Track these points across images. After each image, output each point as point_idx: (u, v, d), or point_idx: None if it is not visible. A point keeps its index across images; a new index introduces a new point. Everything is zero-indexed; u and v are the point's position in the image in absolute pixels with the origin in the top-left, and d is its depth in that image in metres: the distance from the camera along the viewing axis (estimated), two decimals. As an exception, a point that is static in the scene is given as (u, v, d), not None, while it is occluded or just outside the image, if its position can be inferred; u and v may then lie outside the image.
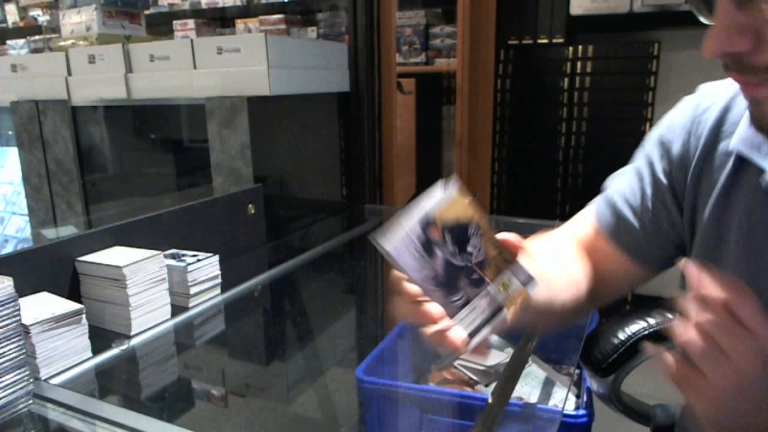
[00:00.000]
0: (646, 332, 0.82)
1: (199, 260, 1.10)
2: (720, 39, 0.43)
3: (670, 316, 0.85)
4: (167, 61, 1.64)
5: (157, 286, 1.01)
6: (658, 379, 0.53)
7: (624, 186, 0.71)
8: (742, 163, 0.56)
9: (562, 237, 0.77)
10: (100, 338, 0.94)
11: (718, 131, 0.59)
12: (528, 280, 0.52)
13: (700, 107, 0.62)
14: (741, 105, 0.58)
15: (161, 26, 2.84)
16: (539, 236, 0.74)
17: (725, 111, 0.59)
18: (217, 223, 1.33)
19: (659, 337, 0.80)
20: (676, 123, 0.64)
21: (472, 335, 0.49)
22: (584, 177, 2.17)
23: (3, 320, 0.74)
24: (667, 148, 0.64)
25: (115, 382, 0.89)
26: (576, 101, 2.17)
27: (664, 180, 0.65)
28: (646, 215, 0.67)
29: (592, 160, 2.17)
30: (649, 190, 0.67)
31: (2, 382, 0.74)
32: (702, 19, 0.47)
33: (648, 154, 0.68)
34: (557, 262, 0.69)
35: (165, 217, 1.19)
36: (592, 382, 0.84)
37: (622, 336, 0.82)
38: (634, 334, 0.82)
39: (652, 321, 0.83)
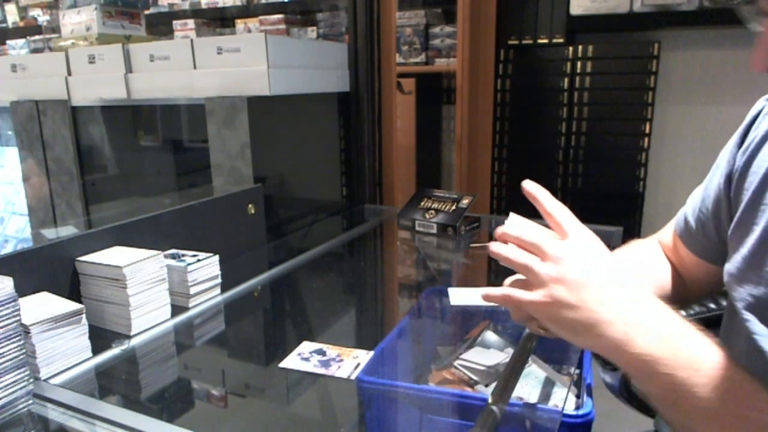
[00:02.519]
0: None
1: (199, 260, 1.10)
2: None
3: (682, 312, 0.86)
4: (167, 61, 1.64)
5: (157, 286, 1.01)
6: None
7: (696, 190, 0.77)
8: None
9: (650, 243, 0.87)
10: (100, 338, 0.94)
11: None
12: None
13: (757, 107, 0.67)
14: None
15: (161, 26, 2.84)
16: (631, 244, 0.87)
17: None
18: (217, 223, 1.33)
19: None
20: (743, 128, 0.68)
21: None
22: (584, 177, 2.17)
23: (3, 320, 0.74)
24: (729, 150, 0.69)
25: (115, 382, 0.89)
26: (576, 101, 2.17)
27: (723, 184, 0.69)
28: (707, 218, 0.73)
29: (592, 160, 2.17)
30: (712, 194, 0.71)
31: (2, 382, 0.74)
32: (749, 27, 0.52)
33: (718, 159, 0.72)
34: (640, 264, 0.81)
35: (165, 217, 1.19)
36: (604, 376, 0.84)
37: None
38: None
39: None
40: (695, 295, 0.82)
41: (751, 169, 0.62)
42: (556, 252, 0.57)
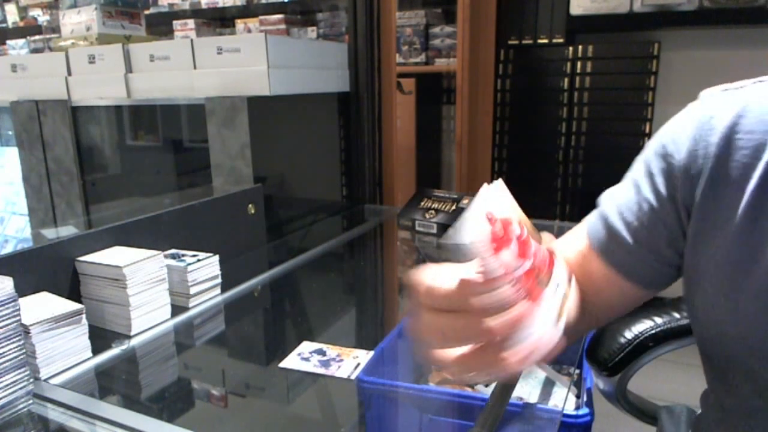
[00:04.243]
0: (653, 331, 0.82)
1: (199, 260, 1.10)
2: None
3: (676, 315, 0.85)
4: (167, 61, 1.64)
5: (157, 286, 1.01)
6: (664, 378, 0.52)
7: (619, 199, 0.64)
8: None
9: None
10: (100, 338, 0.94)
11: (730, 140, 0.55)
12: (570, 278, 0.48)
13: (706, 115, 0.57)
14: (755, 112, 0.54)
15: (161, 26, 2.84)
16: None
17: (737, 119, 0.55)
18: (217, 223, 1.33)
19: (666, 337, 0.80)
20: (680, 133, 0.59)
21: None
22: (584, 177, 2.17)
23: (3, 320, 0.74)
24: (669, 160, 0.59)
25: (115, 382, 0.89)
26: (576, 101, 2.17)
27: (665, 193, 0.59)
28: (642, 231, 0.61)
29: (592, 160, 2.17)
30: (646, 205, 0.60)
31: (2, 382, 0.74)
32: None
33: (648, 165, 0.62)
34: None
35: (165, 217, 1.19)
36: (597, 381, 0.84)
37: (628, 335, 0.82)
38: (640, 333, 0.82)
39: (659, 320, 0.83)
40: (601, 316, 0.68)
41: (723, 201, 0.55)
42: None
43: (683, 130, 0.59)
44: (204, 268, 1.12)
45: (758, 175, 0.52)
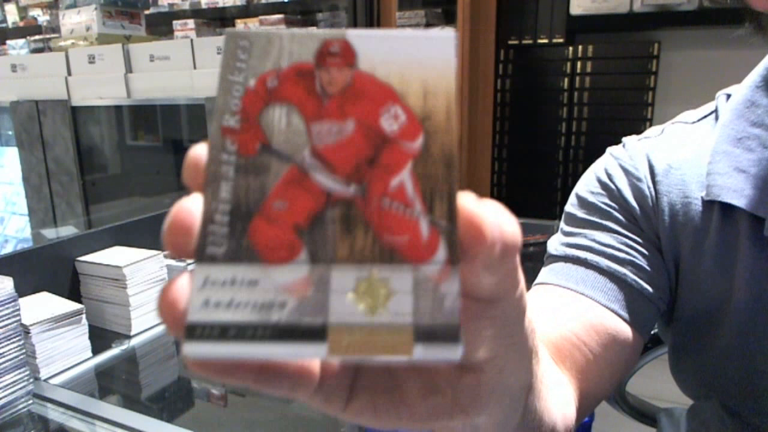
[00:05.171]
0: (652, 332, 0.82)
1: (199, 260, 1.10)
2: None
3: None
4: (167, 61, 1.64)
5: (157, 286, 1.01)
6: (663, 380, 0.50)
7: (593, 244, 0.52)
8: (730, 210, 0.49)
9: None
10: (100, 338, 0.94)
11: (659, 181, 0.53)
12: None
13: (622, 159, 0.57)
14: (661, 150, 0.55)
15: (161, 26, 2.84)
16: None
17: (648, 159, 0.55)
18: (217, 223, 1.33)
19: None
20: (608, 175, 0.57)
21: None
22: (584, 177, 2.17)
23: (3, 320, 0.74)
24: (619, 201, 0.54)
25: (115, 382, 0.89)
26: (576, 101, 2.17)
27: (644, 229, 0.53)
28: (644, 271, 0.52)
29: (592, 160, 2.16)
30: (631, 242, 0.52)
31: (2, 382, 0.74)
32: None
33: (595, 206, 0.55)
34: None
35: (165, 217, 1.19)
36: None
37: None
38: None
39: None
40: (599, 398, 0.52)
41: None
42: None
43: (609, 175, 0.58)
44: (204, 268, 1.12)
45: (717, 211, 0.51)
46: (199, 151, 0.20)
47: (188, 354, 0.18)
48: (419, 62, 0.21)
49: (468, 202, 0.19)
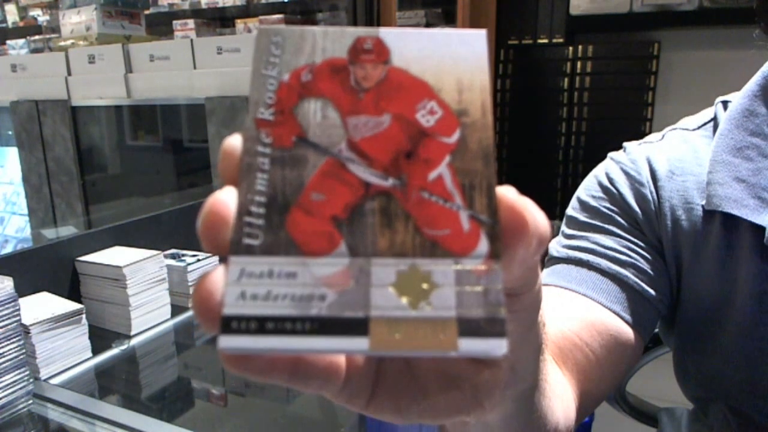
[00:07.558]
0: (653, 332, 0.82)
1: (199, 260, 1.10)
2: None
3: None
4: (167, 61, 1.64)
5: (157, 286, 1.01)
6: (663, 380, 0.50)
7: (595, 246, 0.53)
8: (731, 219, 0.50)
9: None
10: (100, 338, 0.94)
11: (661, 186, 0.54)
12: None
13: (624, 163, 0.57)
14: (662, 155, 0.55)
15: (161, 26, 2.84)
16: None
17: (650, 163, 0.55)
18: (217, 223, 1.33)
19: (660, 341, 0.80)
20: (609, 179, 0.57)
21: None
22: (584, 177, 2.16)
23: (3, 320, 0.74)
24: (621, 205, 0.55)
25: (115, 382, 0.89)
26: (576, 101, 2.17)
27: (646, 232, 0.54)
28: (646, 274, 0.53)
29: (592, 160, 2.16)
30: (633, 245, 0.53)
31: (2, 382, 0.74)
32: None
33: (597, 210, 0.56)
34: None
35: (165, 217, 1.19)
36: None
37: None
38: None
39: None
40: (599, 399, 0.52)
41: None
42: None
43: (611, 178, 0.58)
44: (204, 268, 1.12)
45: (719, 220, 0.51)
46: (234, 143, 0.20)
47: (224, 348, 0.17)
48: (452, 59, 0.22)
49: (511, 195, 0.19)
